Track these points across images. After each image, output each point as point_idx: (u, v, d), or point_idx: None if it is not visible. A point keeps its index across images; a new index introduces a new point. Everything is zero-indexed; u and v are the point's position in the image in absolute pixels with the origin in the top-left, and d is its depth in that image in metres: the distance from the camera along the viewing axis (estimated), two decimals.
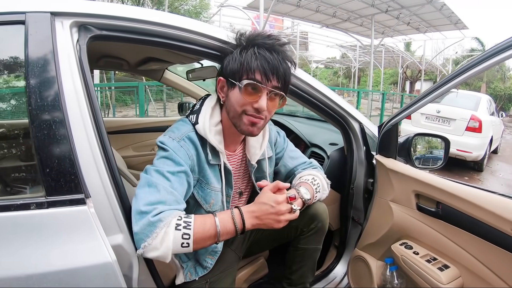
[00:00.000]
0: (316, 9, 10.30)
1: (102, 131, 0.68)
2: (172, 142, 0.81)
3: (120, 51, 1.50)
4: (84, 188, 0.63)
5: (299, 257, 1.11)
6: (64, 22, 0.69)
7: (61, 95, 0.64)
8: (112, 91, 7.51)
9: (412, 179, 1.05)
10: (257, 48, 0.81)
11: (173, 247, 0.67)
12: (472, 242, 0.87)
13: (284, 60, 0.84)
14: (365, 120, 1.32)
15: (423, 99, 0.98)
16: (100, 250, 0.61)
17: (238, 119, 0.85)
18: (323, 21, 12.03)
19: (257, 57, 0.80)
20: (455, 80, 0.86)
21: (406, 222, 1.08)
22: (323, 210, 1.06)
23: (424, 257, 0.98)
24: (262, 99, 0.81)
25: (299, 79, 1.09)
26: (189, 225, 0.69)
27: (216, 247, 0.96)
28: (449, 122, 4.76)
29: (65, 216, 0.61)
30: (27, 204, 0.59)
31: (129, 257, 0.69)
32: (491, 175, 5.05)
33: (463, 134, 4.55)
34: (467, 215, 0.87)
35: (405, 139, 1.18)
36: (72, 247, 0.60)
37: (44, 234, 0.59)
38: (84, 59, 0.69)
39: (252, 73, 0.80)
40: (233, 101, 0.83)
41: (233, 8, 11.74)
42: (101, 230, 0.62)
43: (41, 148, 0.61)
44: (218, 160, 0.89)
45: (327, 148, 1.52)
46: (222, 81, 0.88)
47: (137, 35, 0.79)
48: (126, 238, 0.68)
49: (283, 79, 0.83)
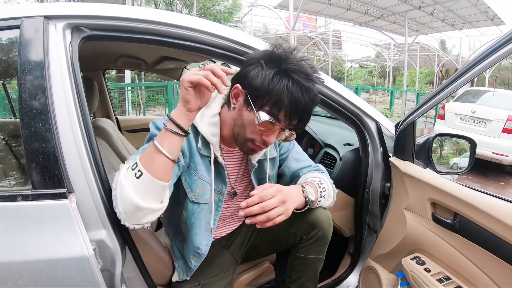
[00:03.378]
0: (348, 7, 9.99)
1: (89, 128, 0.71)
2: (164, 122, 0.79)
3: (136, 50, 1.55)
4: (67, 183, 0.65)
5: (299, 266, 1.04)
6: (57, 25, 0.73)
7: (48, 93, 0.67)
8: (143, 90, 7.88)
9: (428, 186, 0.94)
10: (291, 82, 0.74)
11: (130, 182, 0.63)
12: (492, 263, 0.74)
13: (313, 101, 0.78)
14: (383, 119, 1.21)
15: (438, 94, 0.87)
16: (78, 244, 0.62)
17: (242, 141, 0.83)
18: (356, 19, 11.62)
19: (287, 95, 0.73)
20: (469, 72, 0.76)
21: (420, 234, 0.96)
22: (325, 218, 0.98)
23: (436, 276, 0.86)
24: (275, 135, 0.79)
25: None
26: (135, 160, 0.66)
27: (200, 248, 0.91)
28: (485, 123, 4.39)
29: (48, 209, 0.63)
30: (14, 195, 0.63)
31: (111, 252, 0.70)
32: None
33: (499, 136, 4.19)
34: (487, 231, 0.75)
35: (425, 140, 1.06)
36: (53, 239, 0.63)
37: (28, 225, 0.63)
38: (75, 59, 0.72)
39: (277, 110, 0.75)
40: (245, 123, 0.80)
41: (264, 7, 11.77)
42: (81, 224, 0.64)
43: (28, 143, 0.64)
44: (208, 151, 0.86)
45: (340, 149, 1.43)
46: (239, 90, 0.80)
47: (130, 33, 0.81)
48: (109, 234, 0.70)
49: (304, 122, 0.80)
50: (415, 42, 13.51)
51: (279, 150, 1.04)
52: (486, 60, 0.72)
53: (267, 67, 0.75)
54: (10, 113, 0.96)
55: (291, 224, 1.01)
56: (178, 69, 2.07)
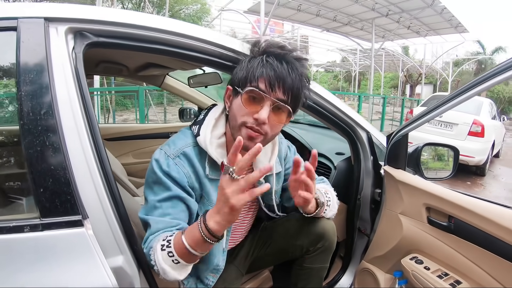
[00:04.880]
0: (317, 13, 10.35)
1: (99, 146, 0.64)
2: (166, 160, 0.78)
3: (119, 56, 1.46)
4: (81, 209, 0.59)
5: (305, 276, 1.06)
6: (58, 28, 0.65)
7: (54, 107, 0.60)
8: (112, 95, 7.49)
9: (422, 192, 1.01)
10: (266, 56, 0.76)
11: (167, 265, 0.68)
12: (486, 257, 0.83)
13: (295, 71, 0.76)
14: (372, 129, 1.28)
15: (434, 111, 0.95)
16: (99, 275, 0.57)
17: (236, 131, 0.79)
18: (324, 25, 12.09)
19: (264, 65, 0.75)
20: (468, 92, 0.83)
21: (416, 236, 1.04)
22: (330, 228, 1.01)
23: (435, 273, 0.94)
24: (264, 110, 0.74)
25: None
26: (169, 243, 0.68)
27: (218, 265, 0.91)
28: (452, 127, 4.73)
29: (62, 239, 0.57)
30: (20, 226, 0.55)
31: (130, 279, 0.65)
32: (494, 179, 5.01)
33: (465, 138, 4.53)
34: (480, 231, 0.83)
35: (414, 149, 1.15)
36: (70, 272, 0.57)
37: (40, 259, 0.56)
38: (80, 68, 0.66)
39: (255, 80, 0.74)
40: (234, 110, 0.79)
41: (234, 12, 11.78)
42: (100, 253, 0.58)
43: (33, 165, 0.57)
44: (218, 174, 0.84)
45: (333, 159, 1.48)
46: (229, 90, 0.83)
47: (138, 42, 0.75)
48: (127, 259, 0.65)
49: (290, 91, 0.75)
50: (381, 48, 14.36)
51: (284, 165, 1.04)
52: (481, 86, 0.79)
53: (247, 58, 0.80)
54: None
55: (297, 236, 1.02)
56: (161, 76, 2.00)
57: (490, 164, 5.36)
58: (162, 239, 0.70)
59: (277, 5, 8.95)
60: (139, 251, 0.67)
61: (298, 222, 1.03)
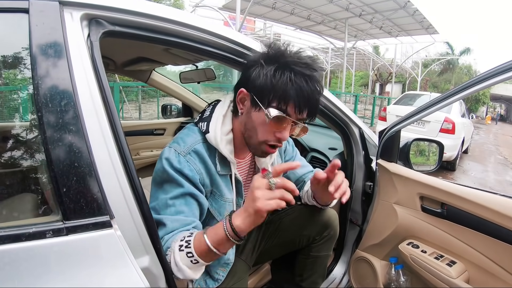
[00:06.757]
0: (291, 12, 10.50)
1: (122, 141, 0.60)
2: (177, 157, 0.77)
3: (106, 50, 1.38)
4: (108, 209, 0.55)
5: (310, 265, 1.10)
6: (73, 14, 0.59)
7: (76, 100, 0.55)
8: None
9: (416, 182, 1.09)
10: (294, 74, 0.74)
11: (186, 265, 0.67)
12: (478, 239, 0.93)
13: (318, 93, 0.78)
14: (363, 125, 1.35)
15: (426, 110, 1.03)
16: (132, 278, 0.54)
17: (256, 145, 0.81)
18: (298, 24, 12.30)
19: (292, 86, 0.73)
20: (459, 94, 0.91)
21: (411, 223, 1.12)
22: (335, 217, 1.06)
23: (432, 255, 1.03)
24: (287, 130, 0.78)
25: None
26: (189, 243, 0.68)
27: (229, 259, 0.92)
28: (424, 124, 4.94)
29: (89, 242, 0.52)
30: (42, 232, 0.49)
31: (156, 279, 0.62)
32: (463, 174, 5.36)
33: (437, 135, 4.74)
34: (472, 215, 0.92)
35: (404, 144, 1.23)
36: (100, 277, 0.52)
37: (66, 266, 0.51)
38: (98, 57, 0.60)
39: (284, 103, 0.74)
40: (255, 125, 0.78)
41: (208, 8, 11.56)
42: (130, 255, 0.55)
43: (54, 162, 0.52)
44: (228, 170, 0.85)
45: (328, 153, 1.54)
46: (244, 94, 0.80)
47: (156, 34, 0.72)
48: (153, 259, 0.62)
49: (313, 112, 0.79)
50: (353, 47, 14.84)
51: (284, 157, 1.07)
52: (473, 88, 0.87)
53: (267, 65, 0.76)
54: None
55: (304, 227, 1.06)
56: (147, 71, 1.93)
57: (460, 159, 5.72)
58: (180, 239, 0.69)
59: (252, 2, 8.94)
60: (161, 251, 0.65)
61: (303, 213, 1.07)
